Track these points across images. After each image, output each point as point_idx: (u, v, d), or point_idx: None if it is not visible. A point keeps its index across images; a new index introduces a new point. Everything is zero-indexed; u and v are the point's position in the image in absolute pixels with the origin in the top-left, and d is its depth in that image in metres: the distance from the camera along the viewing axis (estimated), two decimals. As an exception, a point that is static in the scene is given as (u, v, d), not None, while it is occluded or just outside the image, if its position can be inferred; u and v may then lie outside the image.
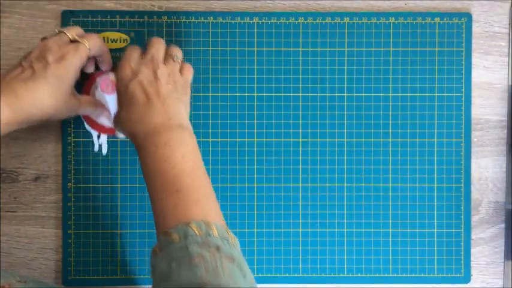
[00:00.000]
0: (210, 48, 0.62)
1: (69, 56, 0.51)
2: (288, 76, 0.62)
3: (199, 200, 0.47)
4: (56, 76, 0.50)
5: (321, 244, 0.62)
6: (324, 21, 0.62)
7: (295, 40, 0.62)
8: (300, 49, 0.62)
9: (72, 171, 0.61)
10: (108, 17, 0.61)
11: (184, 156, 0.48)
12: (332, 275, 0.62)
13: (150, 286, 0.62)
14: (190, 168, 0.47)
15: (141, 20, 0.61)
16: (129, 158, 0.61)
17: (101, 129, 0.59)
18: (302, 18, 0.62)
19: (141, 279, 0.62)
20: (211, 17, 0.62)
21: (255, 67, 0.62)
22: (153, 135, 0.48)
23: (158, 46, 0.53)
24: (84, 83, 0.59)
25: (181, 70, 0.54)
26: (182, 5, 0.62)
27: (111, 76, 0.58)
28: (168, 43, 0.56)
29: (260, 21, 0.62)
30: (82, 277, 0.61)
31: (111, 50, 0.61)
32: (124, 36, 0.61)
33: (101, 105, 0.57)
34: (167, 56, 0.53)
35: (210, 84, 0.62)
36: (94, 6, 0.61)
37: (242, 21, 0.62)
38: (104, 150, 0.61)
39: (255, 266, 0.62)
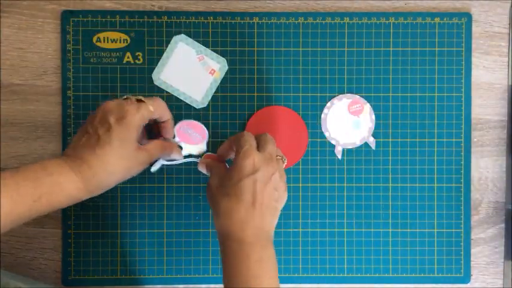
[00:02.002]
0: (210, 48, 0.62)
1: (129, 116, 0.50)
2: (288, 76, 0.62)
3: None
4: (119, 139, 0.49)
5: (321, 244, 0.62)
6: (324, 21, 0.62)
7: (295, 40, 0.62)
8: (300, 49, 0.62)
9: (72, 171, 0.61)
10: (108, 17, 0.61)
11: (271, 277, 0.49)
12: (332, 275, 0.62)
13: (149, 286, 0.62)
14: None
15: (141, 20, 0.61)
16: (129, 158, 0.61)
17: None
18: (302, 18, 0.62)
19: (141, 279, 0.62)
20: (211, 17, 0.62)
21: (255, 67, 0.62)
22: (248, 245, 0.48)
23: (273, 143, 0.52)
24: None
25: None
26: (182, 5, 0.62)
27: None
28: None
29: (260, 21, 0.62)
30: (82, 277, 0.61)
31: (111, 50, 0.61)
32: (124, 36, 0.61)
33: (168, 146, 0.56)
34: (277, 156, 0.52)
35: (210, 84, 0.62)
36: (94, 6, 0.61)
37: (242, 21, 0.62)
38: (153, 169, 0.59)
39: (255, 266, 0.62)
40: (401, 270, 0.62)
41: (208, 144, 0.61)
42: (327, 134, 0.61)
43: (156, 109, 0.52)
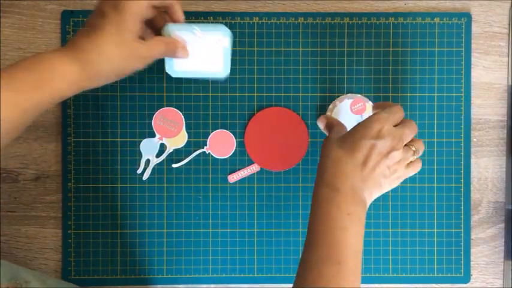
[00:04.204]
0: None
1: (124, 3, 0.49)
2: (288, 76, 0.62)
3: (354, 284, 0.47)
4: (114, 25, 0.48)
5: (321, 244, 0.62)
6: (324, 21, 0.62)
7: (295, 40, 0.62)
8: (300, 49, 0.62)
9: (72, 171, 0.61)
10: (108, 17, 0.61)
11: (357, 234, 0.48)
12: (332, 275, 0.62)
13: (149, 286, 0.62)
14: (357, 250, 0.48)
15: (141, 20, 0.61)
16: (129, 159, 0.61)
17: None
18: (302, 18, 0.62)
19: (141, 279, 0.62)
20: (211, 17, 0.62)
21: (255, 67, 0.62)
22: (343, 196, 0.48)
23: (414, 130, 0.51)
24: None
25: (409, 164, 0.52)
26: (182, 5, 0.62)
27: None
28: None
29: (260, 21, 0.62)
30: (82, 277, 0.61)
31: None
32: (124, 36, 0.61)
33: (172, 42, 0.54)
34: (410, 144, 0.51)
35: (210, 84, 0.62)
36: (94, 6, 0.61)
37: (242, 21, 0.62)
38: (145, 177, 0.61)
39: (255, 266, 0.62)
40: (401, 270, 0.62)
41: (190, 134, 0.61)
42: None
43: None
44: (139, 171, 0.61)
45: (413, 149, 0.51)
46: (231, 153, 0.62)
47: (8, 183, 0.61)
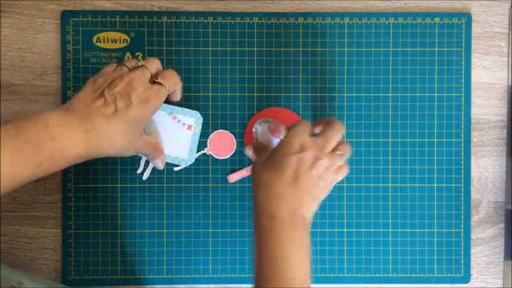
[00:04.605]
0: (210, 48, 0.62)
1: (152, 100, 0.50)
2: (288, 76, 0.62)
3: None
4: (135, 120, 0.49)
5: (321, 244, 0.62)
6: (324, 21, 0.62)
7: (295, 40, 0.62)
8: (300, 49, 0.62)
9: (72, 171, 0.61)
10: (108, 17, 0.61)
11: (300, 261, 0.47)
12: (332, 275, 0.62)
13: (149, 286, 0.62)
14: (303, 277, 0.47)
15: (141, 20, 0.61)
16: (128, 159, 0.61)
17: None
18: (302, 18, 0.62)
19: (141, 279, 0.62)
20: (211, 17, 0.62)
21: (255, 67, 0.62)
22: (280, 223, 0.47)
23: (336, 135, 0.51)
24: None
25: (338, 168, 0.51)
26: (182, 5, 0.62)
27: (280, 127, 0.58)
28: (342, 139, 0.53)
29: (260, 21, 0.62)
30: (82, 277, 0.61)
31: (111, 50, 0.61)
32: (124, 36, 0.61)
33: (160, 150, 0.58)
34: (335, 149, 0.51)
35: (210, 84, 0.62)
36: (94, 6, 0.61)
37: (242, 21, 0.62)
38: (145, 177, 0.61)
39: (255, 266, 0.62)
40: (401, 270, 0.62)
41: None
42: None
43: (172, 87, 0.53)
44: (139, 171, 0.61)
45: (339, 153, 0.51)
46: (231, 153, 0.62)
47: (8, 183, 0.61)
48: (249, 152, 0.57)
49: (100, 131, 0.48)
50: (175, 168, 0.61)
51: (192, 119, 0.59)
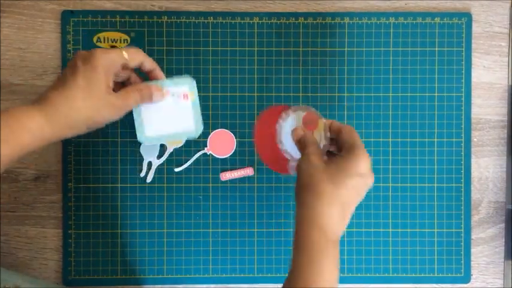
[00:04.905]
0: (210, 48, 0.62)
1: (96, 56, 0.50)
2: (288, 76, 0.62)
3: None
4: (85, 78, 0.50)
5: (321, 244, 0.62)
6: (324, 21, 0.62)
7: (295, 40, 0.62)
8: (300, 49, 0.62)
9: (72, 171, 0.61)
10: (108, 17, 0.61)
11: (335, 280, 0.47)
12: (332, 275, 0.62)
13: (149, 286, 0.62)
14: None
15: (141, 20, 0.61)
16: (129, 158, 0.61)
17: None
18: (302, 18, 0.62)
19: (141, 279, 0.62)
20: (211, 17, 0.62)
21: (255, 67, 0.62)
22: (329, 241, 0.46)
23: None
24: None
25: None
26: (182, 5, 0.62)
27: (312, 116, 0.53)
28: None
29: (260, 21, 0.62)
30: (82, 277, 0.61)
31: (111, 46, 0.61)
32: (124, 36, 0.61)
33: (145, 87, 0.55)
34: None
35: (210, 84, 0.62)
36: (94, 6, 0.61)
37: (242, 21, 0.62)
38: (149, 179, 0.61)
39: (255, 266, 0.62)
40: (401, 270, 0.62)
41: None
42: (280, 146, 0.54)
43: (132, 56, 0.53)
44: (142, 174, 0.61)
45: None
46: (232, 153, 0.62)
47: (8, 183, 0.61)
48: (294, 137, 0.52)
49: (54, 99, 0.49)
50: (176, 169, 0.61)
51: (186, 87, 0.57)
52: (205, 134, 0.61)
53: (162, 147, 0.61)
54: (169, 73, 0.61)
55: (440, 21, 0.62)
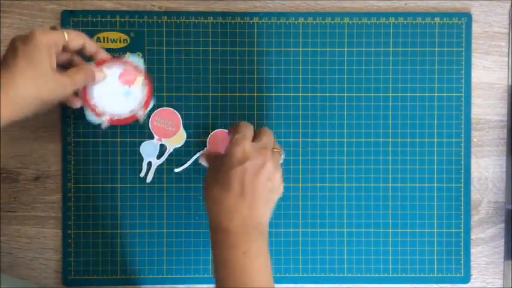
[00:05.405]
0: (210, 48, 0.62)
1: (35, 36, 0.49)
2: (288, 76, 0.62)
3: None
4: (26, 59, 0.48)
5: (321, 244, 0.62)
6: (324, 21, 0.62)
7: (295, 40, 0.62)
8: (300, 49, 0.62)
9: (72, 171, 0.61)
10: (108, 17, 0.61)
11: (260, 269, 0.48)
12: (332, 275, 0.62)
13: (149, 286, 0.62)
14: (265, 284, 0.48)
15: (141, 20, 0.61)
16: (129, 158, 0.61)
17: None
18: (302, 18, 0.62)
19: (141, 279, 0.62)
20: (211, 17, 0.62)
21: (255, 67, 0.62)
22: (234, 235, 0.48)
23: (269, 136, 0.51)
24: None
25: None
26: (182, 5, 0.62)
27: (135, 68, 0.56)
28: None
29: (260, 21, 0.62)
30: (82, 277, 0.61)
31: (111, 50, 0.61)
32: (124, 36, 0.61)
33: (90, 69, 0.54)
34: (273, 148, 0.51)
35: (210, 84, 0.62)
36: (94, 6, 0.61)
37: (242, 21, 0.62)
38: (149, 179, 0.61)
39: (255, 266, 0.62)
40: (401, 270, 0.62)
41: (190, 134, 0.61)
42: (92, 102, 0.56)
43: (73, 37, 0.52)
44: (142, 174, 0.61)
45: (277, 150, 0.51)
46: None
47: (8, 183, 0.61)
48: (204, 163, 0.57)
49: (2, 81, 0.47)
50: (176, 170, 0.61)
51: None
52: (205, 134, 0.61)
53: (162, 148, 0.61)
54: (169, 73, 0.61)
55: (440, 21, 0.62)
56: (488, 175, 0.63)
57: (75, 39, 0.52)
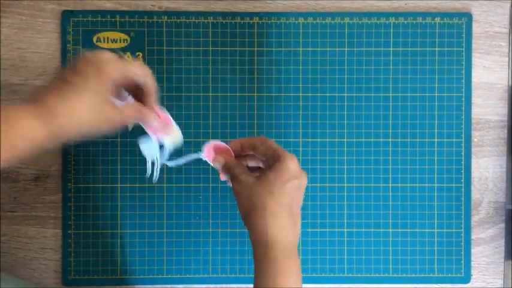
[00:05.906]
0: (210, 48, 0.62)
1: (106, 67, 0.46)
2: (288, 76, 0.62)
3: None
4: (92, 89, 0.46)
5: (321, 244, 0.62)
6: (324, 21, 0.62)
7: (295, 40, 0.62)
8: (300, 49, 0.62)
9: (72, 171, 0.61)
10: (108, 17, 0.61)
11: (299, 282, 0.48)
12: (332, 275, 0.62)
13: (149, 286, 0.62)
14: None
15: (141, 20, 0.61)
16: (128, 158, 0.61)
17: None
18: (302, 18, 0.62)
19: (141, 279, 0.62)
20: (211, 17, 0.62)
21: (255, 67, 0.62)
22: (283, 253, 0.47)
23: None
24: None
25: None
26: (182, 5, 0.62)
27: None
28: None
29: (260, 21, 0.62)
30: (82, 277, 0.61)
31: (111, 50, 0.60)
32: (124, 36, 0.61)
33: (145, 110, 0.52)
34: None
35: (210, 84, 0.62)
36: (94, 6, 0.61)
37: (242, 21, 0.62)
38: (154, 179, 0.61)
39: (255, 266, 0.62)
40: (401, 270, 0.62)
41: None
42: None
43: (139, 71, 0.49)
44: (147, 175, 0.60)
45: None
46: None
47: (8, 183, 0.61)
48: (218, 165, 0.54)
49: (55, 108, 0.45)
50: (169, 164, 0.58)
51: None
52: (205, 134, 0.61)
53: (162, 147, 0.61)
54: (169, 73, 0.61)
55: (440, 21, 0.62)
56: (488, 175, 0.63)
57: (140, 73, 0.50)
